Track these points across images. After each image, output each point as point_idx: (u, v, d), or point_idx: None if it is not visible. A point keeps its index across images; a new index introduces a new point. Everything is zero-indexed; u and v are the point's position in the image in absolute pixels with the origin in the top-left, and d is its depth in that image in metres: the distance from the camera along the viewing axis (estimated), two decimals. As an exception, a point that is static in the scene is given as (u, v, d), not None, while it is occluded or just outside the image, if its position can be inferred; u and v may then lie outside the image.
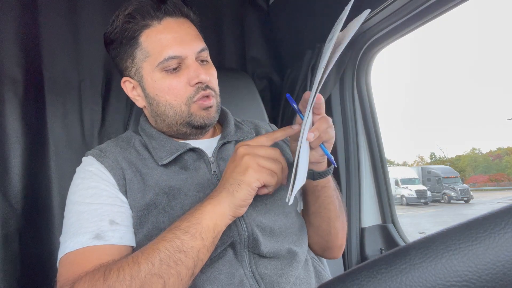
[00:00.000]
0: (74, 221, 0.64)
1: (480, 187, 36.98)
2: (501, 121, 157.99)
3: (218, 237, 0.59)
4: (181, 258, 0.54)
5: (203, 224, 0.57)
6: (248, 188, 0.58)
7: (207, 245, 0.56)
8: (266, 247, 0.67)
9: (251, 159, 0.59)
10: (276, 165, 0.59)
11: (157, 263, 0.52)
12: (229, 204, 0.58)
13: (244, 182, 0.58)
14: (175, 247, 0.54)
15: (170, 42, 0.69)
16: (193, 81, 0.70)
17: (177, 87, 0.70)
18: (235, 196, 0.58)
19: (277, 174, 0.60)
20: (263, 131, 0.86)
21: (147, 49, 0.70)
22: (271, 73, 1.49)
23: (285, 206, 0.74)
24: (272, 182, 0.59)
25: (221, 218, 0.58)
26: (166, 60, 0.69)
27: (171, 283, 0.52)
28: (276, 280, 0.66)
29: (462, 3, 0.89)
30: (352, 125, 1.30)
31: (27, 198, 1.07)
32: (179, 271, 0.53)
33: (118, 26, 0.71)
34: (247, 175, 0.58)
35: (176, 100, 0.71)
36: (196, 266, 0.56)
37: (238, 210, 0.59)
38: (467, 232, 0.22)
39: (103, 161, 0.70)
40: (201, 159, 0.73)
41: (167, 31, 0.70)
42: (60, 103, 1.16)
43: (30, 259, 1.04)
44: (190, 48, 0.70)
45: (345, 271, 0.24)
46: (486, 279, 0.21)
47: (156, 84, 0.71)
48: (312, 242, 0.83)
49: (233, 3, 1.48)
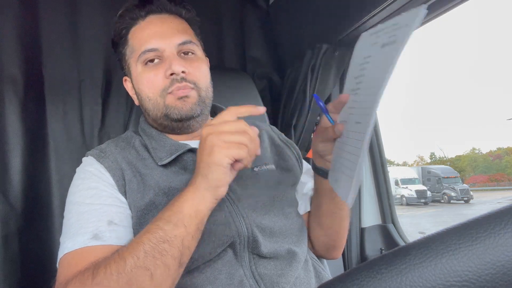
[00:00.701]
0: (73, 221, 0.64)
1: (480, 187, 36.98)
2: (501, 121, 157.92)
3: (202, 223, 0.58)
4: (165, 248, 0.53)
5: (185, 212, 0.56)
6: (220, 167, 0.56)
7: (191, 232, 0.56)
8: (266, 248, 0.67)
9: (215, 137, 0.57)
10: (243, 137, 0.57)
11: (142, 255, 0.52)
12: (205, 188, 0.58)
13: (214, 163, 0.56)
14: (159, 237, 0.54)
15: (149, 37, 0.72)
16: (167, 72, 0.70)
17: (154, 80, 0.71)
18: (209, 178, 0.57)
19: (247, 146, 0.57)
20: (264, 132, 0.86)
21: (132, 45, 0.74)
22: (271, 73, 1.49)
23: (284, 207, 0.74)
24: (243, 155, 0.57)
25: (202, 203, 0.58)
26: (144, 53, 0.72)
27: (159, 274, 0.52)
28: (276, 280, 0.65)
29: (462, 3, 0.89)
30: (352, 125, 1.30)
31: (27, 198, 1.07)
32: (165, 262, 0.53)
33: (113, 28, 0.77)
34: (213, 155, 0.56)
35: (153, 93, 0.72)
36: (183, 255, 0.55)
37: (218, 191, 0.58)
38: (467, 232, 0.22)
39: (102, 161, 0.70)
40: None
41: (148, 27, 0.73)
42: (60, 103, 1.16)
43: (30, 259, 1.04)
44: (169, 41, 0.72)
45: (345, 271, 0.24)
46: (486, 279, 0.21)
47: (138, 78, 0.74)
48: (318, 243, 0.83)
49: (233, 3, 1.48)
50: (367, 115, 0.52)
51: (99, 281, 0.51)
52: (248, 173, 0.75)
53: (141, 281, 0.51)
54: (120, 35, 0.76)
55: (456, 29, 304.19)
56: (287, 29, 1.42)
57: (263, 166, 0.77)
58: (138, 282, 0.51)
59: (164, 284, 0.53)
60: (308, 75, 1.23)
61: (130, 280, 0.51)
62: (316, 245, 0.84)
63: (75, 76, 1.19)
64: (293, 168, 0.81)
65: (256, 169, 0.76)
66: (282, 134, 0.91)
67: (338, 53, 1.19)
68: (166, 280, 0.53)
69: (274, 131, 0.91)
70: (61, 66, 1.17)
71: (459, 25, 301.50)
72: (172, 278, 0.54)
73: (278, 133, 0.91)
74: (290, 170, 0.81)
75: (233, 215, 0.68)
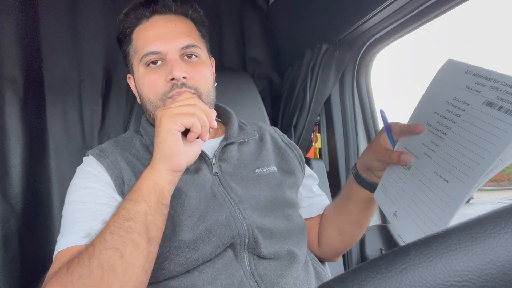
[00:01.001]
0: (68, 220, 0.65)
1: (480, 187, 36.96)
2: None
3: (163, 197, 0.60)
4: (130, 226, 0.54)
5: (143, 188, 0.58)
6: (169, 135, 0.59)
7: (153, 206, 0.57)
8: (266, 249, 0.67)
9: (164, 111, 0.60)
10: (191, 107, 0.59)
11: (109, 237, 0.53)
12: (160, 159, 0.60)
13: (162, 131, 0.59)
14: (122, 217, 0.55)
15: (152, 39, 0.71)
16: (168, 77, 0.70)
17: (155, 83, 0.71)
18: (161, 148, 0.60)
19: (197, 115, 0.59)
20: (267, 133, 0.85)
21: (136, 45, 0.74)
22: (271, 73, 1.49)
23: (285, 209, 0.74)
24: (191, 121, 0.59)
25: (157, 175, 0.60)
26: (146, 55, 0.71)
27: (128, 252, 0.53)
28: (276, 281, 0.65)
29: (462, 3, 0.89)
30: (352, 125, 1.30)
31: (27, 198, 1.07)
32: (132, 239, 0.54)
33: (118, 25, 0.76)
34: (162, 124, 0.59)
35: (154, 96, 0.72)
36: (149, 230, 0.56)
37: (172, 161, 0.60)
38: (467, 232, 0.22)
39: (102, 161, 0.70)
40: (202, 160, 0.73)
41: (152, 28, 0.73)
42: (60, 103, 1.16)
43: (30, 259, 1.04)
44: (172, 45, 0.71)
45: (345, 271, 0.24)
46: (486, 279, 0.21)
47: (139, 80, 0.74)
48: (331, 247, 0.83)
49: (233, 3, 1.48)
50: (462, 183, 0.45)
51: (73, 270, 0.52)
52: (250, 175, 0.74)
53: (112, 261, 0.52)
54: (125, 33, 0.75)
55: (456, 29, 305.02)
56: (287, 29, 1.42)
57: (265, 167, 0.77)
58: (109, 263, 0.52)
59: (136, 261, 0.53)
60: (308, 75, 1.23)
61: (101, 263, 0.51)
62: (327, 249, 0.83)
63: (75, 76, 1.19)
64: (295, 171, 0.81)
65: (258, 170, 0.76)
66: (285, 136, 0.90)
67: (338, 53, 1.19)
68: (138, 257, 0.54)
69: (277, 132, 0.90)
70: (61, 66, 1.17)
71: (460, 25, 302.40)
72: (143, 255, 0.55)
73: (281, 134, 0.90)
74: (292, 173, 0.80)
75: (234, 215, 0.68)
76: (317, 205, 0.86)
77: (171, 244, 0.64)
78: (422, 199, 0.52)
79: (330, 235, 0.82)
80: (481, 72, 0.46)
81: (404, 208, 0.56)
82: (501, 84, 0.42)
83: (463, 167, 0.45)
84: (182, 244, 0.64)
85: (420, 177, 0.53)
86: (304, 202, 0.85)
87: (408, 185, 0.56)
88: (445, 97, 0.51)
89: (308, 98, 1.25)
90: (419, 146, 0.55)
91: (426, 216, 0.51)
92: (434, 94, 0.54)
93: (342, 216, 0.78)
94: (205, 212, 0.67)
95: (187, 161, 0.63)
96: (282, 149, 0.84)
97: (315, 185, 0.89)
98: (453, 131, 0.48)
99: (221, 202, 0.69)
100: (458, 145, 0.47)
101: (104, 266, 0.51)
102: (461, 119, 0.47)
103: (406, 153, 0.57)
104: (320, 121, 1.36)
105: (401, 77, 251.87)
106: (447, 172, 0.48)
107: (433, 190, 0.50)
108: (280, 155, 0.83)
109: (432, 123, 0.53)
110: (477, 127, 0.44)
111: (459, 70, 0.50)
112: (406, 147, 0.58)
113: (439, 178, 0.49)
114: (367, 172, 0.68)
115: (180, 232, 0.64)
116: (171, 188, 0.62)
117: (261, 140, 0.83)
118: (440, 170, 0.49)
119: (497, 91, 0.42)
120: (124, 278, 0.52)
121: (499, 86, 0.42)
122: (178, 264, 0.63)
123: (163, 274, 0.63)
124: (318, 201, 0.87)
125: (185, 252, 0.63)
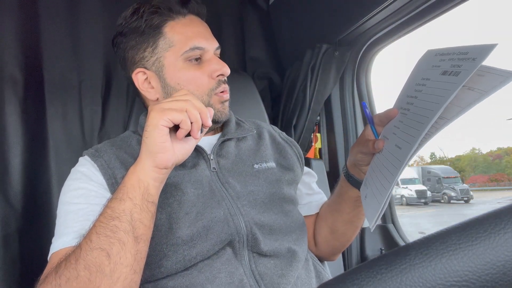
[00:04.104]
0: (61, 221, 0.65)
1: (480, 187, 36.98)
2: (501, 121, 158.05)
3: (149, 194, 0.58)
4: (116, 225, 0.54)
5: (128, 185, 0.57)
6: (155, 130, 0.56)
7: (138, 203, 0.56)
8: (266, 246, 0.67)
9: (155, 105, 0.58)
10: (182, 103, 0.57)
11: (94, 237, 0.53)
12: (145, 154, 0.58)
13: (150, 125, 0.57)
14: (108, 216, 0.54)
15: (195, 35, 0.73)
16: (215, 73, 0.73)
17: (200, 78, 0.72)
18: (147, 143, 0.58)
19: (188, 111, 0.57)
20: (265, 131, 0.86)
21: (172, 39, 0.72)
22: (271, 73, 1.49)
23: (284, 205, 0.74)
24: (179, 117, 0.56)
25: (142, 172, 0.58)
26: (192, 50, 0.71)
27: (115, 252, 0.52)
28: (277, 281, 0.65)
29: (462, 3, 0.89)
30: (352, 125, 1.30)
31: (27, 198, 1.07)
32: (118, 238, 0.53)
33: (141, 16, 0.72)
34: (150, 118, 0.57)
35: (199, 91, 0.72)
36: (135, 228, 0.55)
37: (156, 157, 0.58)
38: (467, 232, 0.22)
39: (96, 160, 0.71)
40: (200, 156, 0.73)
41: (192, 25, 0.74)
42: (60, 103, 1.16)
43: (30, 259, 1.04)
44: (211, 43, 0.74)
45: (345, 271, 0.24)
46: (486, 279, 0.21)
47: (180, 73, 0.72)
48: (325, 246, 0.83)
49: (233, 3, 1.48)
50: (409, 144, 0.49)
51: (61, 273, 0.52)
52: (248, 170, 0.75)
53: (99, 262, 0.51)
54: (154, 25, 0.72)
55: (456, 28, 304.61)
56: (287, 29, 1.42)
57: (263, 163, 0.77)
58: (96, 264, 0.51)
59: (123, 261, 0.53)
60: (308, 75, 1.23)
61: (88, 264, 0.51)
62: (323, 247, 0.84)
63: (75, 76, 1.19)
64: (293, 167, 0.81)
65: (256, 166, 0.76)
66: (284, 133, 0.90)
67: (338, 53, 1.19)
68: (125, 256, 0.53)
69: (275, 130, 0.91)
70: (61, 66, 1.17)
71: (460, 25, 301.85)
72: (131, 254, 0.54)
73: (279, 131, 0.90)
74: (291, 169, 0.81)
75: (231, 212, 0.68)
76: (316, 203, 0.86)
77: (168, 241, 0.64)
78: (383, 173, 0.55)
79: (324, 233, 0.82)
80: (444, 51, 0.51)
81: (372, 189, 0.58)
82: (456, 54, 0.47)
83: (413, 131, 0.50)
84: (179, 241, 0.64)
85: (386, 155, 0.56)
86: (303, 199, 0.86)
87: (378, 167, 0.58)
88: (415, 80, 0.56)
89: (308, 98, 1.25)
90: (391, 130, 0.58)
91: (381, 185, 0.54)
92: (409, 81, 0.59)
93: (335, 214, 0.79)
94: (203, 209, 0.67)
95: (175, 158, 0.60)
96: (280, 145, 0.84)
97: (314, 183, 0.90)
98: (415, 105, 0.52)
99: (219, 198, 0.69)
100: (416, 115, 0.51)
101: (91, 267, 0.51)
102: (422, 93, 0.52)
103: (379, 140, 0.59)
104: (320, 121, 1.36)
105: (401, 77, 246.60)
106: (403, 141, 0.51)
107: (390, 161, 0.53)
108: (278, 151, 0.83)
109: (403, 106, 0.57)
110: (433, 95, 0.48)
111: (431, 55, 0.55)
112: (384, 134, 0.61)
113: (397, 149, 0.52)
114: (355, 169, 0.70)
115: (177, 229, 0.64)
116: (158, 185, 0.60)
117: (259, 137, 0.83)
118: (399, 142, 0.53)
119: (452, 61, 0.47)
120: (112, 278, 0.51)
121: (454, 56, 0.47)
122: (175, 262, 0.63)
123: (161, 272, 0.63)
124: (317, 198, 0.87)
125: (183, 250, 0.63)
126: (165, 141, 0.57)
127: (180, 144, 0.61)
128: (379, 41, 1.16)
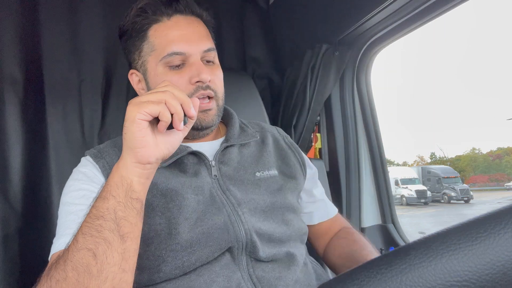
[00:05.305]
0: (62, 222, 0.65)
1: (480, 187, 36.96)
2: (501, 121, 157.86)
3: (133, 190, 0.56)
4: (101, 224, 0.53)
5: (111, 183, 0.56)
6: (133, 124, 0.54)
7: (122, 201, 0.54)
8: (264, 253, 0.67)
9: (131, 101, 0.56)
10: (161, 95, 0.54)
11: (80, 238, 0.52)
12: (126, 151, 0.56)
13: (127, 121, 0.55)
14: (93, 216, 0.54)
15: (175, 38, 0.69)
16: (193, 79, 0.69)
17: (177, 83, 0.68)
18: (126, 138, 0.56)
19: (167, 102, 0.54)
20: (269, 134, 0.84)
21: (154, 43, 0.71)
22: (271, 73, 1.49)
23: (285, 214, 0.73)
24: (158, 110, 0.53)
25: (125, 169, 0.56)
26: (169, 55, 0.69)
27: (101, 251, 0.51)
28: (274, 283, 0.65)
29: (462, 3, 0.89)
30: (352, 125, 1.30)
31: (27, 198, 1.06)
32: (104, 237, 0.52)
33: (129, 19, 0.72)
34: (127, 113, 0.55)
35: None
36: (121, 226, 0.54)
37: (137, 152, 0.55)
38: (467, 232, 0.22)
39: (98, 161, 0.70)
40: (201, 162, 0.72)
41: (174, 28, 0.70)
42: (60, 103, 1.16)
43: (30, 259, 1.04)
44: (195, 47, 0.70)
45: (345, 271, 0.24)
46: (486, 279, 0.21)
47: (158, 79, 0.71)
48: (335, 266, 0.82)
49: (233, 3, 1.48)
50: None
51: (51, 275, 0.52)
52: (250, 178, 0.74)
53: (85, 262, 0.51)
54: (138, 28, 0.71)
55: (456, 28, 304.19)
56: (287, 29, 1.42)
57: (265, 171, 0.76)
58: (83, 265, 0.51)
59: (110, 260, 0.52)
60: (308, 75, 1.23)
61: (75, 265, 0.51)
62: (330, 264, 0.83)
63: (75, 76, 1.19)
64: (296, 175, 0.80)
65: (258, 174, 0.75)
66: (288, 137, 0.88)
67: (338, 53, 1.19)
68: (112, 255, 0.52)
69: (280, 133, 0.88)
70: (61, 67, 1.17)
71: (460, 24, 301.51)
72: (118, 253, 0.53)
73: (284, 135, 0.88)
74: (293, 177, 0.79)
75: (232, 219, 0.67)
76: (317, 213, 0.85)
77: (167, 246, 0.63)
78: None
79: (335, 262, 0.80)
80: None
81: None
82: None
83: None
84: (178, 247, 0.63)
85: None
86: (305, 208, 0.85)
87: None
88: None
89: (308, 98, 1.25)
90: None
91: None
92: None
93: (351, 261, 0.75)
94: (203, 215, 0.66)
95: (159, 153, 0.57)
96: (284, 152, 0.83)
97: (316, 188, 0.88)
98: None
99: (219, 205, 0.68)
100: None
101: (79, 268, 0.50)
102: None
103: None
104: (320, 121, 1.36)
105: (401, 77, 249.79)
106: None
107: None
108: (281, 158, 0.81)
109: None
110: None
111: None
112: None
113: None
114: None
115: (176, 235, 0.64)
116: (144, 182, 0.58)
117: (263, 142, 0.82)
118: None
119: None
120: (99, 278, 0.51)
121: None
122: (175, 267, 0.63)
123: (160, 276, 0.63)
124: (320, 207, 0.86)
125: (182, 256, 0.63)
126: (145, 135, 0.55)
127: (164, 137, 0.58)
128: (379, 41, 1.16)
